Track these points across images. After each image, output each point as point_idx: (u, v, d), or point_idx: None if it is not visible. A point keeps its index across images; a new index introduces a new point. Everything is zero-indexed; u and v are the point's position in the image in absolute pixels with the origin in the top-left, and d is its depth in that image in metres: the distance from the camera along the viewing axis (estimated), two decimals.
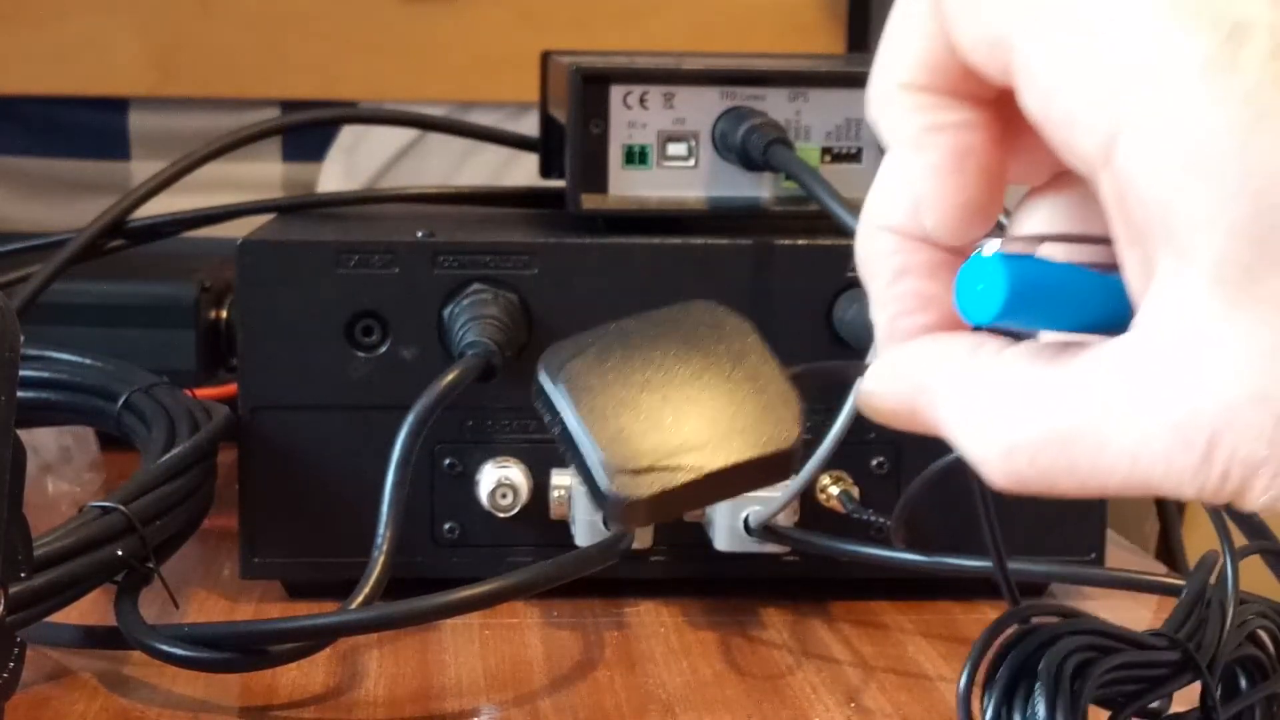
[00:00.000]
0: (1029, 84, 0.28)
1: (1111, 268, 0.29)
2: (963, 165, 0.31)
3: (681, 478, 0.31)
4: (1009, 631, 0.43)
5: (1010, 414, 0.30)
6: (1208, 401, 0.27)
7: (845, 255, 0.62)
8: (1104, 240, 0.29)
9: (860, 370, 0.33)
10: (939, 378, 0.31)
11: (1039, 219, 0.33)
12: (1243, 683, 0.49)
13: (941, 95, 0.31)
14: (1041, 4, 0.28)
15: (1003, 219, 0.33)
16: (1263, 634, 0.51)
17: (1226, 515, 0.50)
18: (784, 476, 0.33)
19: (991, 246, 0.30)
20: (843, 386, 0.58)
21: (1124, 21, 0.27)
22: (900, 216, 0.32)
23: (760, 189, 0.65)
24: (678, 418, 0.32)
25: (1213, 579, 0.49)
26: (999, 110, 0.31)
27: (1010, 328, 0.31)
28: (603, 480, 0.31)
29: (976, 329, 0.31)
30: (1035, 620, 0.44)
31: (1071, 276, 0.30)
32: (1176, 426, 0.27)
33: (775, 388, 0.33)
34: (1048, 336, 0.31)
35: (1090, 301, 0.30)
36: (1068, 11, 0.28)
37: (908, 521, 0.60)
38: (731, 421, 0.32)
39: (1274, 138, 0.26)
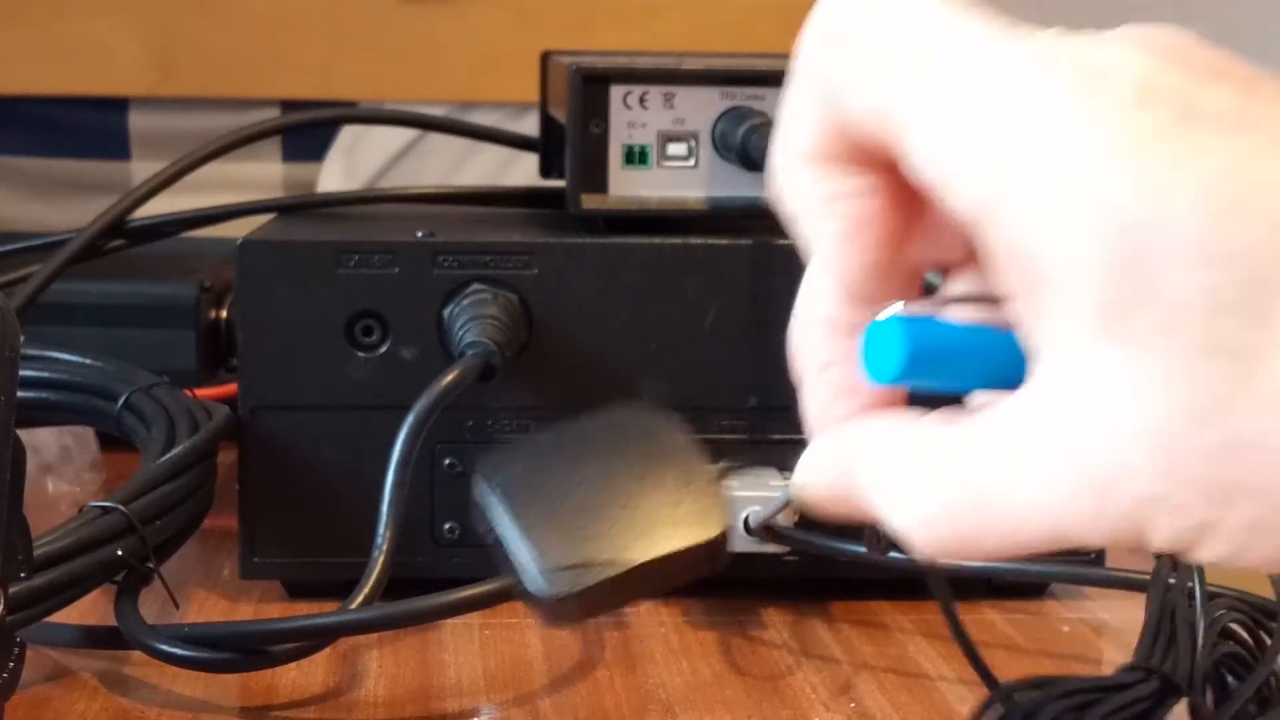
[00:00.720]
0: (910, 151, 0.29)
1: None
2: (865, 230, 0.32)
3: (608, 572, 0.32)
4: (991, 715, 0.44)
5: (924, 482, 0.30)
6: (1099, 443, 0.27)
7: None
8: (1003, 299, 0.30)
9: (791, 463, 0.34)
10: (862, 456, 0.32)
11: (957, 286, 0.33)
12: (1230, 679, 0.49)
13: (838, 164, 0.32)
14: (921, 75, 0.29)
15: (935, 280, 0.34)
16: (1235, 627, 0.51)
17: None
18: (715, 566, 0.34)
19: (893, 309, 0.31)
20: None
21: (992, 82, 0.28)
22: (829, 307, 0.33)
23: (760, 189, 0.65)
24: (606, 518, 0.33)
25: (1173, 580, 0.49)
26: (901, 181, 0.31)
27: (917, 388, 0.31)
28: (532, 578, 0.32)
29: (908, 405, 0.32)
30: (1016, 697, 0.44)
31: (972, 335, 0.30)
32: (1073, 473, 0.27)
33: (701, 484, 0.34)
34: (979, 399, 0.32)
35: (993, 359, 0.30)
36: (945, 79, 0.29)
37: None
38: (658, 519, 0.33)
39: (1133, 178, 0.26)
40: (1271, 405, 0.26)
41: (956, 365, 0.30)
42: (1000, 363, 0.30)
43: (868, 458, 0.31)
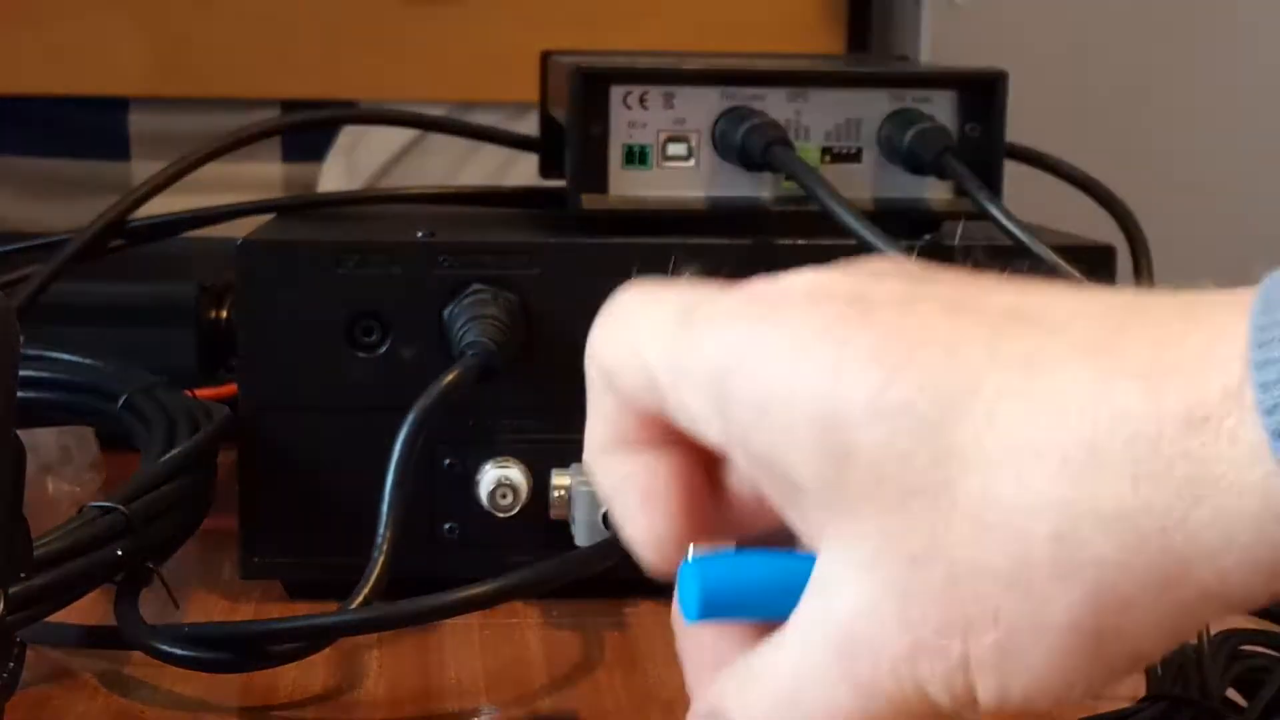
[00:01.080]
0: (668, 413, 0.33)
1: None
2: (651, 503, 0.34)
3: None
4: None
5: (758, 706, 0.32)
6: (849, 622, 0.29)
7: (846, 255, 0.62)
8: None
9: None
10: (726, 701, 0.33)
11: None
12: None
13: (627, 448, 0.35)
14: (659, 347, 0.33)
15: None
16: (1249, 648, 0.51)
17: None
18: None
19: (694, 551, 0.33)
20: None
21: (704, 338, 0.32)
22: (659, 572, 0.35)
23: (760, 189, 0.65)
24: None
25: None
26: (694, 454, 0.34)
27: (722, 621, 0.34)
28: None
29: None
30: None
31: (768, 564, 0.32)
32: (838, 660, 0.29)
33: None
34: None
35: (795, 583, 0.31)
36: (674, 348, 0.33)
37: None
38: None
39: (810, 367, 0.29)
40: (971, 533, 0.28)
41: (758, 595, 0.32)
42: (801, 580, 0.31)
43: (730, 701, 0.33)
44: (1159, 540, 0.26)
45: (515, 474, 0.61)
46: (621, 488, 0.35)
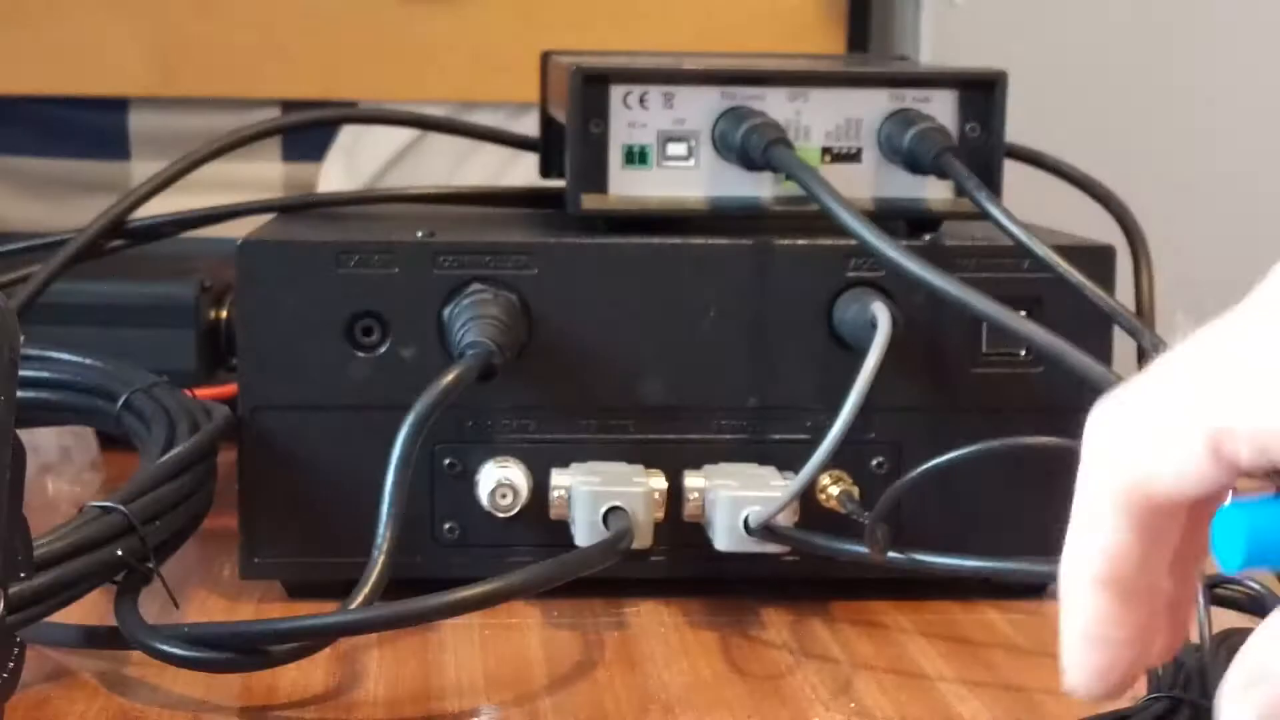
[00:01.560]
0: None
1: None
2: (1132, 644, 0.35)
3: None
4: None
5: None
6: None
7: (845, 255, 0.63)
8: None
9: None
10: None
11: None
12: None
13: (1125, 600, 0.35)
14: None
15: None
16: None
17: None
18: None
19: (1232, 497, 0.33)
20: (841, 386, 0.58)
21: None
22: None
23: (760, 189, 0.65)
24: None
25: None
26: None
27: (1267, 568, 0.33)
28: None
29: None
30: None
31: None
32: None
33: None
34: None
35: None
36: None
37: (899, 522, 0.60)
38: None
39: None
40: None
41: None
42: None
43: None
44: None
45: (515, 474, 0.61)
46: (1111, 622, 0.35)
